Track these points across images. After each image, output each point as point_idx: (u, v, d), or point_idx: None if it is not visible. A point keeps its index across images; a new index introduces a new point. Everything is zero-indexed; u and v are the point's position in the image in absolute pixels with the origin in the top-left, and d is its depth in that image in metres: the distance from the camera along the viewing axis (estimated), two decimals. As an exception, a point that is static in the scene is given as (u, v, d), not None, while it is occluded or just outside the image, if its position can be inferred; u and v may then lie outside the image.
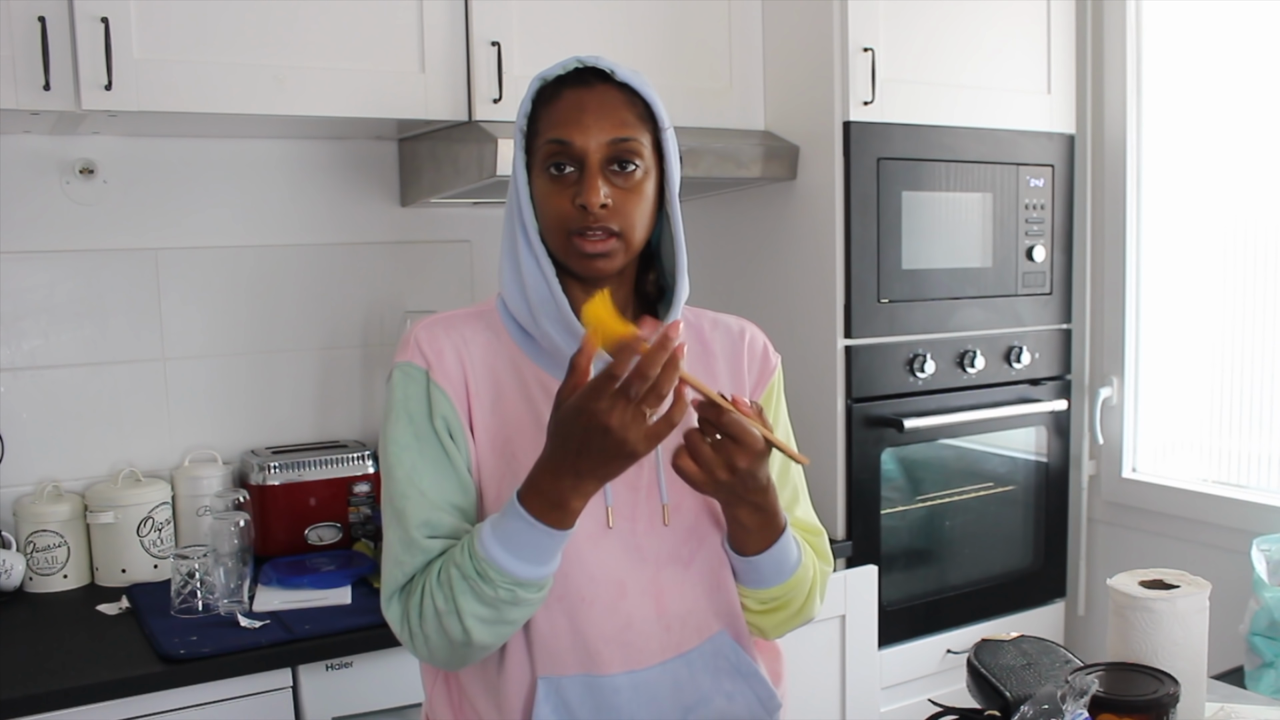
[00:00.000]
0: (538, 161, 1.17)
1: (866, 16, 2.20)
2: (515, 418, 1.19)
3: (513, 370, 1.21)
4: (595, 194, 1.13)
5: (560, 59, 1.20)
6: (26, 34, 1.69)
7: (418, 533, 1.15)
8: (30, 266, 2.06)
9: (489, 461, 1.18)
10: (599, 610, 1.16)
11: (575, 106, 1.15)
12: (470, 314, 1.24)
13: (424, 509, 1.15)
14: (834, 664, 2.22)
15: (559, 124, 1.15)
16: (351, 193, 2.33)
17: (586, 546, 1.16)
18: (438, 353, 1.19)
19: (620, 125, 1.16)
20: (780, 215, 2.39)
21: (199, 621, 1.76)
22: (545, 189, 1.16)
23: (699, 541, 1.21)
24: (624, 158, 1.15)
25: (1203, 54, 2.42)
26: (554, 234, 1.16)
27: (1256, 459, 2.38)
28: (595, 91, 1.16)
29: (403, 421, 1.17)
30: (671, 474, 1.15)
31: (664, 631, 1.19)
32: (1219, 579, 1.40)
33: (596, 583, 1.16)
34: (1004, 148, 2.42)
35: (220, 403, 2.23)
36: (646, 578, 1.18)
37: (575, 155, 1.15)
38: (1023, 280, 2.49)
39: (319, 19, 1.92)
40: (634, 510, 1.19)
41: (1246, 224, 2.37)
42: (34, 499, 2.02)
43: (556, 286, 1.16)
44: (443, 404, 1.17)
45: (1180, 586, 1.24)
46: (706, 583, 1.22)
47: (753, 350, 1.32)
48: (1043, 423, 2.58)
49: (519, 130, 1.19)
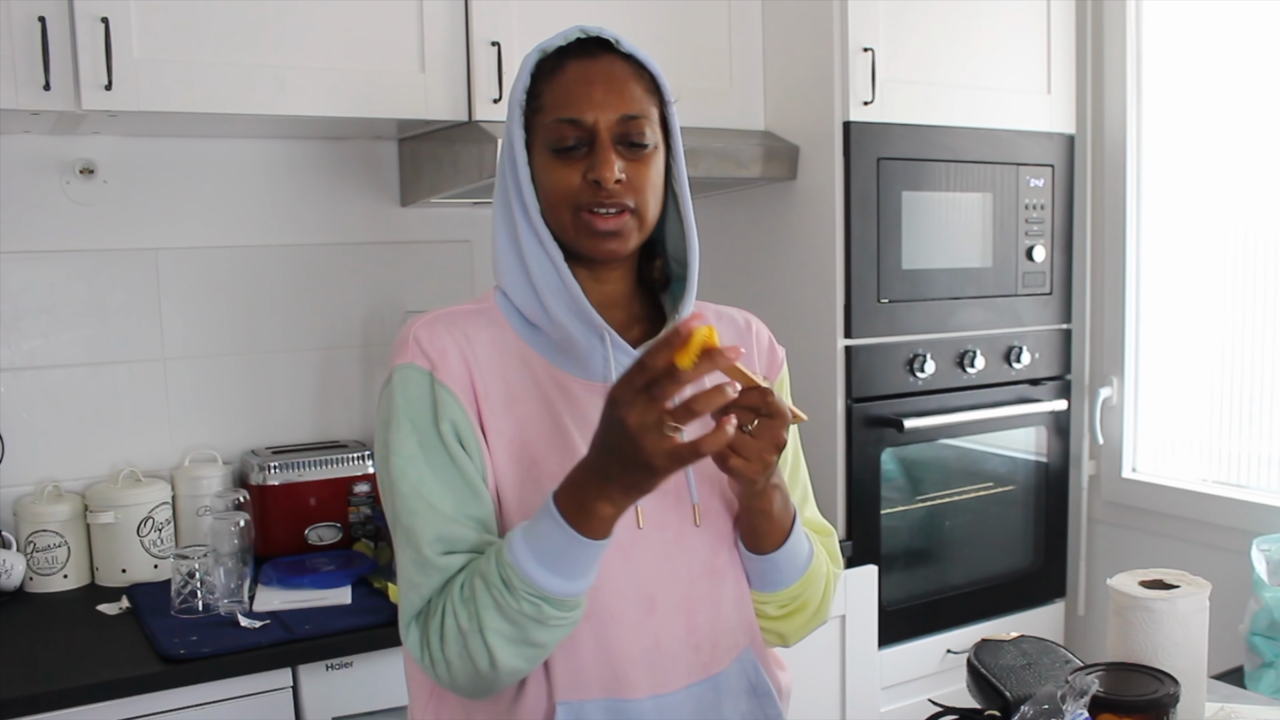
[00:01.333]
0: (540, 140, 1.10)
1: (866, 16, 2.20)
2: (531, 420, 1.10)
3: (523, 368, 1.12)
4: (610, 168, 1.07)
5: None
6: (26, 34, 1.69)
7: (431, 550, 1.04)
8: (30, 266, 2.06)
9: (507, 470, 1.09)
10: (627, 627, 1.08)
11: (583, 80, 1.09)
12: (469, 310, 1.15)
13: (436, 523, 1.04)
14: (834, 664, 2.22)
15: (567, 100, 1.08)
16: (351, 193, 2.33)
17: (615, 556, 1.05)
18: (440, 351, 1.09)
19: (630, 100, 1.09)
20: (780, 215, 2.39)
21: (199, 621, 1.76)
22: (549, 165, 1.09)
23: (729, 551, 1.15)
24: (635, 133, 1.09)
25: (1203, 54, 2.42)
26: (560, 211, 1.09)
27: (1256, 459, 2.38)
28: (601, 63, 1.09)
29: (405, 429, 1.06)
30: (701, 471, 1.11)
31: (692, 651, 1.12)
32: (1219, 579, 1.40)
33: (625, 597, 1.08)
34: (1004, 148, 2.42)
35: (220, 403, 2.23)
36: (678, 592, 1.11)
37: (585, 132, 1.08)
38: (1023, 280, 2.49)
39: (319, 19, 1.92)
40: (663, 515, 1.11)
41: (1246, 224, 2.37)
42: (34, 499, 2.02)
43: (565, 268, 1.09)
44: (451, 407, 1.07)
45: (1180, 586, 1.24)
46: (735, 595, 1.16)
47: (760, 343, 1.26)
48: (1043, 423, 2.58)
49: (517, 105, 1.11)
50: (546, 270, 1.10)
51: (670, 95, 1.13)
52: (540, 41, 1.13)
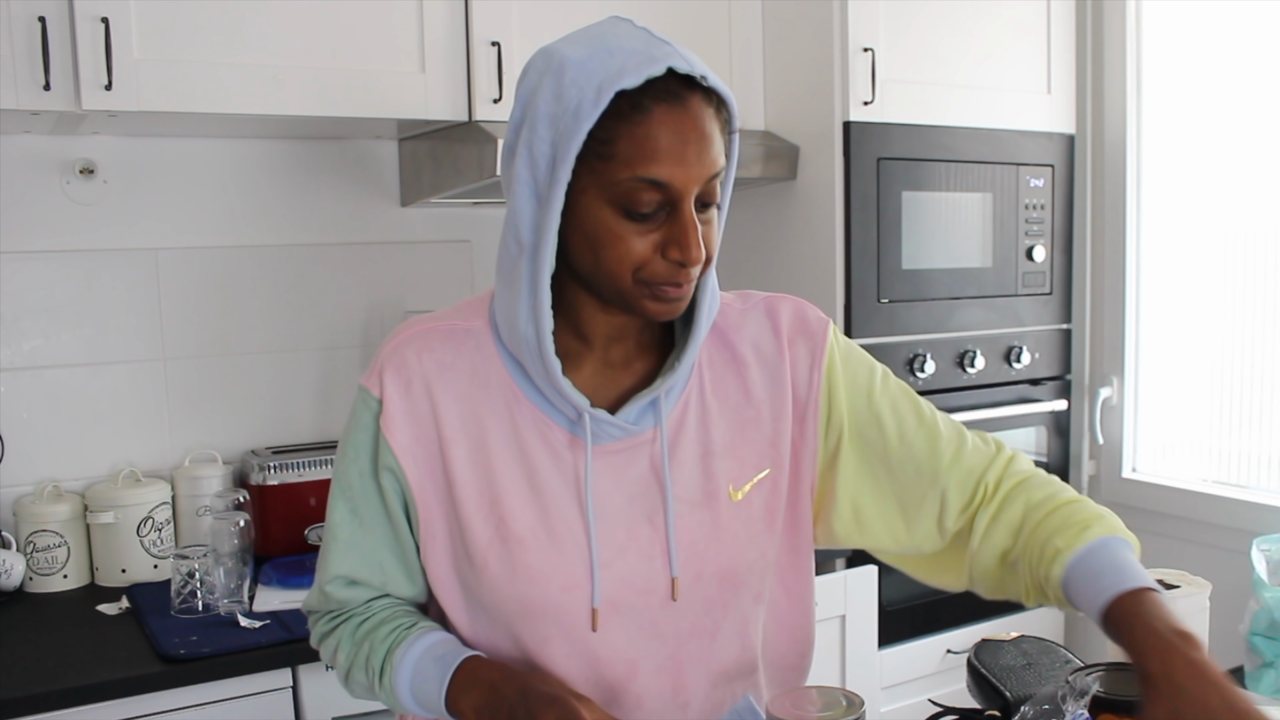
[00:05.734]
0: (604, 193, 0.93)
1: (866, 16, 2.20)
2: (501, 471, 1.02)
3: (503, 410, 1.03)
4: (698, 249, 0.93)
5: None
6: (26, 34, 1.69)
7: (332, 586, 1.08)
8: (30, 266, 2.06)
9: (475, 522, 1.02)
10: (604, 692, 1.04)
11: (675, 135, 0.91)
12: (457, 328, 1.06)
13: (346, 562, 1.07)
14: (834, 664, 2.22)
15: (652, 157, 0.91)
16: (351, 193, 2.33)
17: (590, 627, 1.02)
18: (404, 386, 1.02)
19: (717, 156, 0.94)
20: (780, 215, 2.39)
21: (199, 621, 1.76)
22: (613, 226, 0.93)
23: (723, 610, 1.07)
24: (713, 193, 0.96)
25: (1203, 54, 2.42)
26: (620, 279, 0.95)
27: (1256, 459, 2.38)
28: (691, 111, 0.92)
29: (349, 457, 1.06)
30: (687, 539, 1.04)
31: (680, 710, 1.06)
32: (1219, 579, 1.40)
33: (602, 664, 1.03)
34: (1004, 148, 2.42)
35: (220, 403, 2.23)
36: (664, 655, 1.05)
37: (666, 196, 0.92)
38: (1023, 280, 2.49)
39: (319, 19, 1.92)
40: (648, 583, 1.04)
41: (1247, 224, 2.37)
42: (34, 499, 2.02)
43: (549, 347, 0.98)
44: (387, 458, 1.03)
45: (1180, 586, 1.24)
46: (734, 649, 1.09)
47: (793, 333, 1.11)
48: (1043, 423, 2.58)
49: (574, 140, 0.91)
50: (529, 338, 0.98)
51: (736, 123, 0.98)
52: (593, 53, 0.93)
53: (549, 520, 1.02)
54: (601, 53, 0.92)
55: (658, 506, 1.04)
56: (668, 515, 1.04)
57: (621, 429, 1.04)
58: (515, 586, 1.02)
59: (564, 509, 1.03)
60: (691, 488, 1.06)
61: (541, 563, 1.02)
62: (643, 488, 1.05)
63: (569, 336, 1.04)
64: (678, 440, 1.06)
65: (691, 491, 1.06)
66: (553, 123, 0.92)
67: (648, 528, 1.04)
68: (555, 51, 0.95)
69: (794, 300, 1.14)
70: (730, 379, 1.10)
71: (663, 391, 1.04)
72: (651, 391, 1.04)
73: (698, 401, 1.08)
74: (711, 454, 1.07)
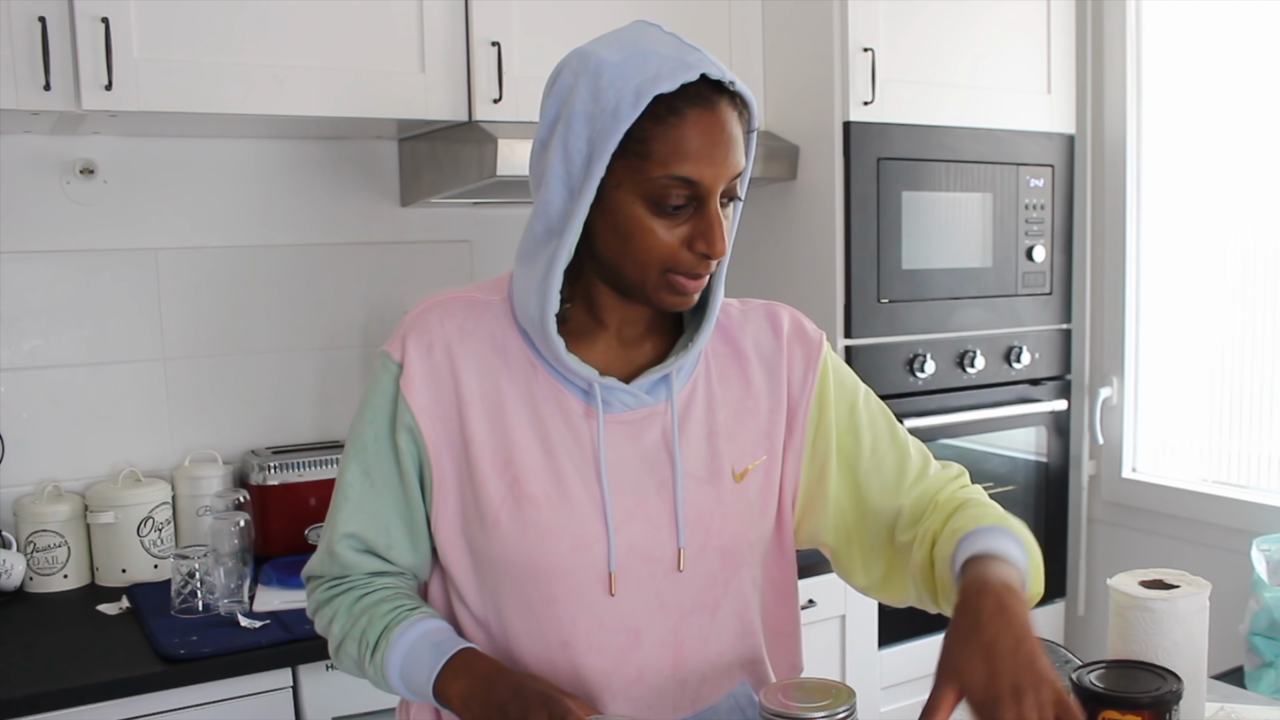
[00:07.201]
0: (636, 189, 0.98)
1: (866, 16, 2.20)
2: (517, 434, 1.06)
3: (520, 376, 1.07)
4: (723, 240, 1.00)
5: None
6: (26, 34, 1.69)
7: (341, 545, 1.10)
8: (30, 266, 2.06)
9: (489, 481, 1.05)
10: (607, 660, 1.06)
11: (707, 137, 0.97)
12: (479, 300, 1.10)
13: (356, 522, 1.09)
14: (834, 664, 2.22)
15: (685, 157, 0.97)
16: (351, 193, 2.33)
17: (598, 589, 1.05)
18: (423, 350, 1.06)
19: (741, 156, 1.01)
20: (780, 215, 2.39)
21: (199, 621, 1.76)
22: (644, 219, 0.99)
23: (724, 586, 1.11)
24: (735, 189, 1.02)
25: (1203, 54, 2.42)
26: (648, 270, 1.01)
27: (1256, 459, 2.38)
28: (720, 115, 0.98)
29: (367, 419, 1.09)
30: (693, 513, 1.07)
31: (678, 687, 1.09)
32: (1219, 579, 1.39)
33: (607, 630, 1.06)
34: (1004, 148, 2.42)
35: (220, 403, 2.23)
36: (666, 628, 1.08)
37: (695, 192, 0.98)
38: (1023, 280, 2.49)
39: (319, 18, 1.92)
40: (654, 551, 1.07)
41: (1247, 224, 2.37)
42: (34, 499, 2.01)
43: (551, 326, 1.03)
44: (406, 418, 1.06)
45: (1180, 586, 1.23)
46: (733, 630, 1.12)
47: (791, 337, 1.17)
48: (1043, 423, 2.58)
49: (611, 139, 0.96)
50: (534, 318, 1.04)
51: (755, 123, 1.04)
52: (628, 56, 0.98)
53: (562, 482, 1.06)
54: (637, 57, 0.98)
55: (666, 478, 1.08)
56: (676, 487, 1.07)
57: (634, 396, 1.08)
58: (525, 544, 1.05)
59: (577, 472, 1.06)
60: (698, 464, 1.09)
61: (553, 522, 1.05)
62: (653, 459, 1.08)
63: (585, 316, 1.09)
64: (686, 418, 1.11)
65: (698, 467, 1.09)
66: (589, 121, 0.97)
67: (655, 498, 1.07)
68: (590, 54, 1.00)
69: (792, 309, 1.21)
70: (732, 370, 1.15)
71: (675, 369, 1.09)
72: (665, 366, 1.08)
73: (704, 386, 1.13)
74: (717, 434, 1.11)
